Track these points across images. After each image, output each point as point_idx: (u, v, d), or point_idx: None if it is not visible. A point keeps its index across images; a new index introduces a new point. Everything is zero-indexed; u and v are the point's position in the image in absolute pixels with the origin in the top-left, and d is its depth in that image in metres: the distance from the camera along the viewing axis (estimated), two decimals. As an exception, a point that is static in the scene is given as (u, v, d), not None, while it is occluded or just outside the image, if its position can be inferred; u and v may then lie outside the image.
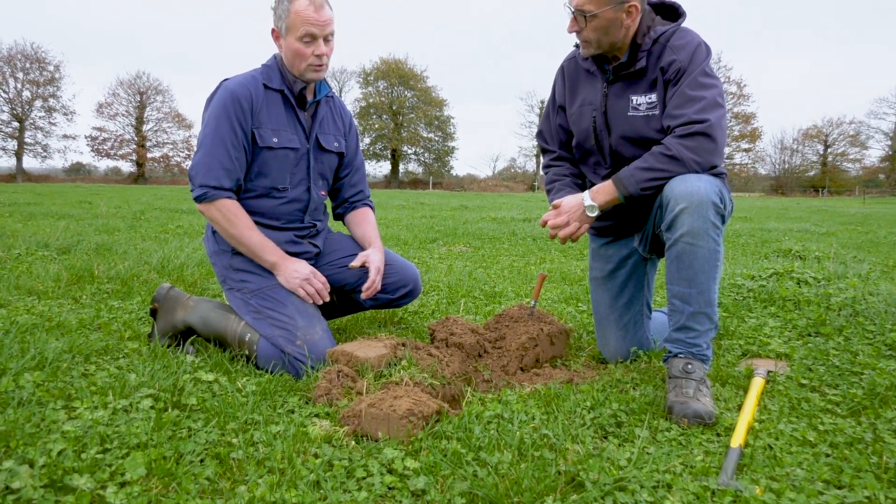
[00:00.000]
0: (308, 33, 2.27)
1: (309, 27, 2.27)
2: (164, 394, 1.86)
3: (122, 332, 2.63)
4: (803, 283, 3.66)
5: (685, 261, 1.98)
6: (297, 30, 2.27)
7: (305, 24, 2.26)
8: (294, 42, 2.29)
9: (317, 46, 2.31)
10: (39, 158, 47.04)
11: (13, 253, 4.75)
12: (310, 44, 2.30)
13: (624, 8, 2.09)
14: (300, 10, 2.26)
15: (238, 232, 2.32)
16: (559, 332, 2.54)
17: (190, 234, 6.98)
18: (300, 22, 2.27)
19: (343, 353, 2.11)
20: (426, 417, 1.71)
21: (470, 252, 6.19)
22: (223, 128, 2.30)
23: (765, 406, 1.97)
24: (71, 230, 6.80)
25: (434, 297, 3.74)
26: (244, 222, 2.33)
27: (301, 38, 2.28)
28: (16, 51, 44.69)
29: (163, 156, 51.16)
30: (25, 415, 1.67)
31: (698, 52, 2.09)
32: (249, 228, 2.34)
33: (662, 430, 1.77)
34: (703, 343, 2.03)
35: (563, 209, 2.21)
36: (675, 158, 2.02)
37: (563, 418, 1.81)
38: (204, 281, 3.93)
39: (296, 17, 2.27)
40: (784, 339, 2.73)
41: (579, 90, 2.36)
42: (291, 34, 2.29)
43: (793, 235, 8.39)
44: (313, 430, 1.69)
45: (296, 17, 2.27)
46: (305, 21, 2.26)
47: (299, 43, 2.29)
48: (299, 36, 2.28)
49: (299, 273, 2.37)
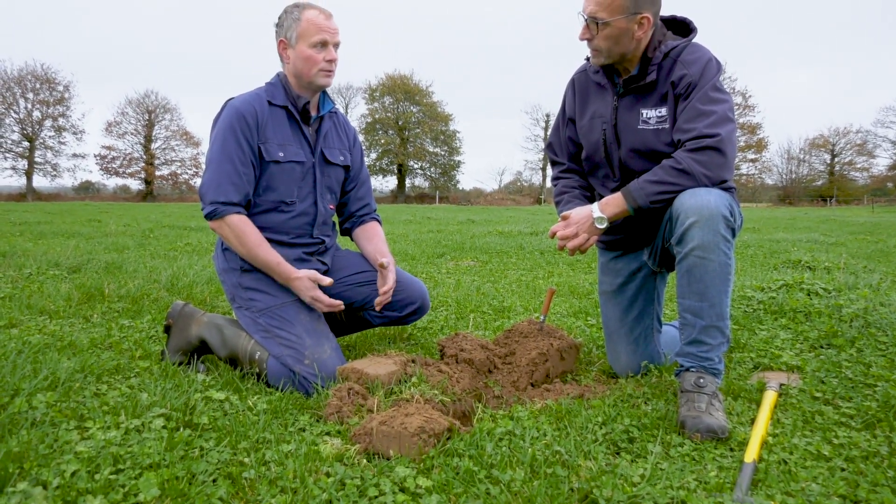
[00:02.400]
0: (321, 40, 2.38)
1: (322, 34, 2.38)
2: (175, 413, 1.87)
3: (133, 352, 2.64)
4: (814, 294, 3.64)
5: (696, 275, 1.98)
6: (310, 37, 2.37)
7: (319, 30, 2.37)
8: (306, 49, 2.37)
9: (328, 52, 2.40)
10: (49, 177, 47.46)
11: (24, 272, 4.78)
12: (321, 50, 2.39)
13: (636, 19, 2.11)
14: (312, 18, 2.37)
15: (248, 248, 2.34)
16: (569, 346, 2.54)
17: (199, 252, 7.01)
18: (314, 29, 2.37)
19: (353, 371, 2.11)
20: (437, 435, 1.71)
21: (478, 266, 6.19)
22: (230, 145, 2.34)
23: (778, 420, 1.96)
24: (81, 249, 6.84)
25: (443, 312, 3.74)
26: (254, 238, 2.34)
27: (314, 45, 2.37)
28: (26, 72, 45.26)
29: (171, 173, 51.52)
30: (39, 435, 1.67)
31: (709, 67, 2.11)
32: (258, 244, 2.35)
33: (675, 446, 1.76)
34: (716, 357, 2.02)
35: (572, 220, 2.22)
36: (685, 172, 2.02)
37: (574, 434, 1.80)
38: (213, 298, 3.95)
39: (309, 25, 2.37)
40: (796, 351, 2.71)
41: (589, 103, 2.37)
42: (303, 41, 2.37)
43: (801, 246, 8.35)
44: (325, 449, 1.68)
45: (309, 25, 2.37)
46: (319, 28, 2.37)
47: (312, 49, 2.37)
48: (312, 43, 2.37)
49: (307, 291, 2.39)
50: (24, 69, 45.27)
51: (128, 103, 49.84)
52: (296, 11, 2.39)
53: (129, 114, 49.64)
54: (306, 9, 2.39)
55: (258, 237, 2.36)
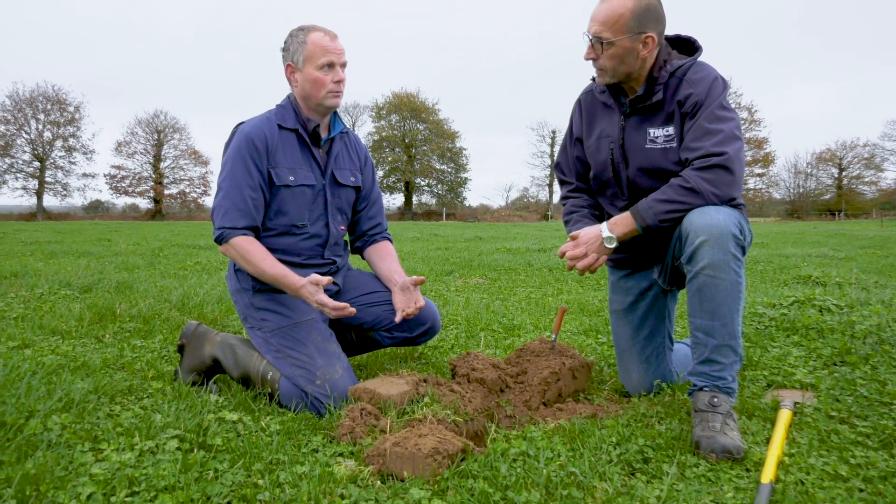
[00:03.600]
0: (328, 61, 2.38)
1: (329, 55, 2.38)
2: (189, 434, 1.87)
3: (146, 372, 2.65)
4: (825, 310, 3.62)
5: (707, 293, 1.97)
6: (316, 59, 2.37)
7: (325, 52, 2.38)
8: (313, 71, 2.38)
9: (335, 73, 2.40)
10: (59, 197, 47.86)
11: (36, 292, 4.82)
12: (328, 71, 2.39)
13: (641, 39, 2.13)
14: (317, 41, 2.38)
15: (254, 265, 2.34)
16: (581, 365, 2.53)
17: (208, 271, 7.04)
18: (320, 51, 2.37)
19: (365, 391, 2.11)
20: (451, 456, 1.70)
21: (486, 284, 6.19)
22: (239, 171, 2.36)
23: (793, 439, 1.95)
24: (91, 268, 6.89)
25: (453, 331, 3.73)
26: (258, 255, 2.34)
27: (321, 67, 2.38)
28: (37, 93, 45.83)
29: (179, 192, 51.89)
30: (54, 457, 1.68)
31: (715, 85, 2.12)
32: (263, 258, 2.34)
33: (690, 466, 1.75)
34: (729, 376, 2.01)
35: (581, 240, 2.22)
36: (693, 191, 2.03)
37: (589, 455, 1.79)
38: (224, 318, 3.96)
39: (314, 48, 2.37)
40: (809, 368, 2.70)
41: (596, 123, 2.39)
42: (310, 64, 2.38)
43: (811, 261, 8.31)
44: (339, 470, 1.68)
45: (314, 48, 2.37)
46: (325, 50, 2.38)
47: (319, 71, 2.38)
48: (319, 65, 2.38)
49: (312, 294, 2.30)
50: (35, 90, 45.92)
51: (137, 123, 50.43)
52: (301, 35, 2.41)
53: (138, 133, 50.19)
54: (311, 31, 2.40)
55: (263, 252, 2.36)
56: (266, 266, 2.33)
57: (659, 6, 2.16)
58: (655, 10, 2.14)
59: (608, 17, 2.12)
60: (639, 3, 2.10)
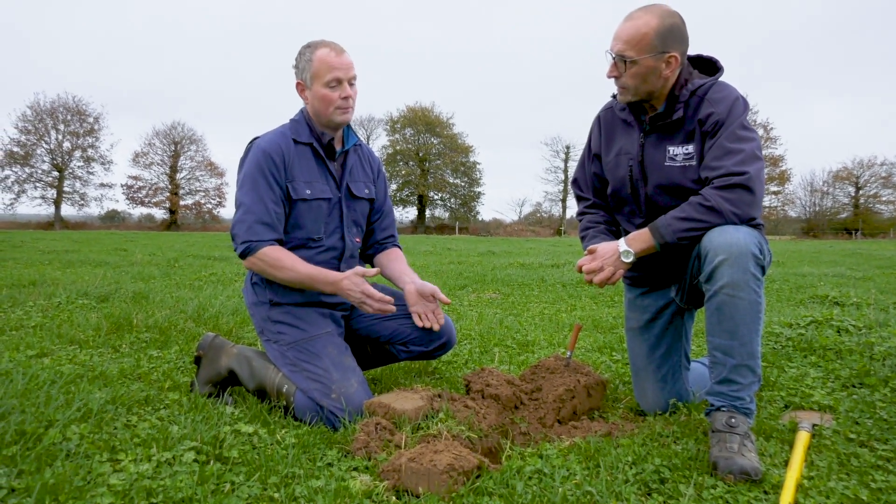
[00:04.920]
0: (335, 78, 2.39)
1: (335, 72, 2.39)
2: (206, 446, 1.88)
3: (163, 383, 2.67)
4: (844, 331, 3.59)
5: (726, 313, 1.96)
6: (323, 76, 2.39)
7: (331, 69, 2.39)
8: (321, 89, 2.40)
9: (343, 90, 2.41)
10: (77, 206, 48.42)
11: (54, 301, 4.87)
12: (336, 88, 2.41)
13: (664, 58, 2.14)
14: (324, 57, 2.39)
15: (286, 272, 2.35)
16: (596, 383, 2.52)
17: (223, 282, 7.09)
18: (326, 69, 2.38)
19: (380, 405, 2.11)
20: (467, 473, 1.70)
21: (500, 299, 6.18)
22: (260, 185, 2.38)
23: (812, 462, 1.92)
24: (108, 278, 6.96)
25: (466, 346, 3.73)
26: (289, 261, 2.36)
27: (328, 84, 2.39)
28: (58, 104, 46.50)
29: (195, 203, 52.28)
30: (73, 467, 1.69)
31: (736, 105, 2.12)
32: (295, 263, 2.35)
33: (708, 487, 1.73)
34: (747, 396, 2.00)
35: (599, 254, 2.23)
36: (713, 210, 2.02)
37: (605, 474, 1.78)
38: (239, 329, 3.98)
39: (321, 65, 2.39)
40: (827, 390, 2.67)
41: (615, 139, 2.40)
42: (317, 82, 2.40)
43: (828, 280, 8.22)
44: (354, 485, 1.68)
45: (321, 65, 2.39)
46: (331, 67, 2.38)
47: (326, 89, 2.40)
48: (326, 82, 2.39)
49: (354, 287, 2.31)
50: (56, 101, 46.59)
51: (155, 134, 50.90)
52: (308, 52, 2.43)
53: (155, 145, 50.70)
54: (318, 48, 2.42)
55: (293, 257, 2.37)
56: (300, 267, 2.34)
57: (683, 26, 2.17)
58: (679, 30, 2.15)
59: (632, 36, 2.13)
60: (663, 23, 2.11)
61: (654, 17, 2.12)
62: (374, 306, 2.29)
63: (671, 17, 2.14)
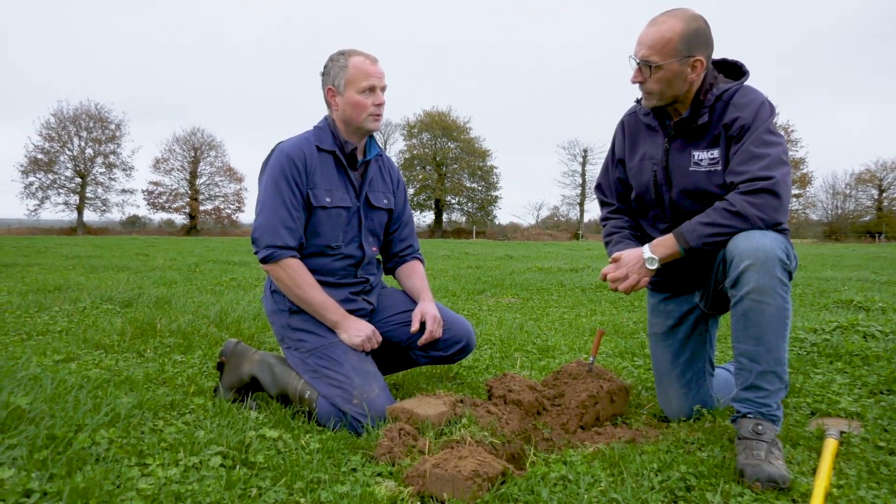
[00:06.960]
0: (370, 85, 2.43)
1: (371, 79, 2.43)
2: (232, 451, 1.90)
3: (187, 387, 2.70)
4: (870, 336, 3.54)
5: (752, 318, 1.95)
6: (358, 83, 2.42)
7: (367, 76, 2.42)
8: (354, 95, 2.42)
9: (376, 97, 2.45)
10: (99, 212, 49.11)
11: (79, 306, 4.94)
12: (370, 95, 2.44)
13: (689, 62, 2.13)
14: (359, 65, 2.42)
15: (302, 291, 2.39)
16: (619, 389, 2.51)
17: (244, 287, 7.15)
18: (361, 76, 2.42)
19: (403, 411, 2.12)
20: (492, 479, 1.70)
21: (519, 304, 6.17)
22: (283, 189, 2.40)
23: (840, 470, 1.90)
24: (131, 283, 7.05)
25: (487, 351, 3.73)
26: (308, 281, 2.40)
27: (362, 91, 2.42)
28: (81, 111, 47.24)
29: (214, 208, 52.77)
30: (102, 471, 1.71)
31: (762, 110, 2.10)
32: (312, 287, 2.40)
33: (735, 496, 1.71)
34: (774, 403, 1.97)
35: (623, 262, 2.22)
36: (739, 215, 2.01)
37: (630, 481, 1.77)
38: (261, 334, 4.01)
39: (356, 72, 2.42)
40: (854, 396, 2.63)
41: (639, 144, 2.39)
42: (351, 88, 2.42)
43: (852, 284, 8.10)
44: (379, 491, 1.69)
45: (356, 72, 2.42)
46: (367, 74, 2.42)
47: (360, 95, 2.42)
48: (361, 88, 2.42)
49: (362, 332, 2.43)
50: (79, 109, 47.32)
51: (175, 140, 51.44)
52: (342, 59, 2.45)
53: (176, 151, 51.25)
54: (353, 55, 2.45)
55: (312, 279, 2.41)
56: (316, 293, 2.41)
57: (707, 30, 2.15)
58: (704, 34, 2.14)
59: (657, 41, 2.12)
60: (688, 27, 2.10)
61: (679, 21, 2.11)
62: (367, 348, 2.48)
63: (696, 21, 2.12)
